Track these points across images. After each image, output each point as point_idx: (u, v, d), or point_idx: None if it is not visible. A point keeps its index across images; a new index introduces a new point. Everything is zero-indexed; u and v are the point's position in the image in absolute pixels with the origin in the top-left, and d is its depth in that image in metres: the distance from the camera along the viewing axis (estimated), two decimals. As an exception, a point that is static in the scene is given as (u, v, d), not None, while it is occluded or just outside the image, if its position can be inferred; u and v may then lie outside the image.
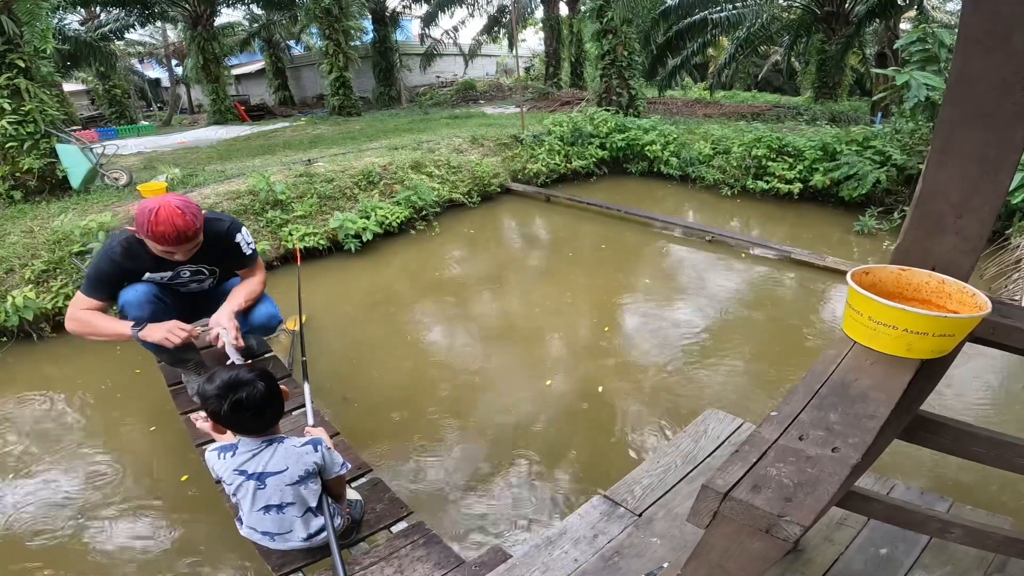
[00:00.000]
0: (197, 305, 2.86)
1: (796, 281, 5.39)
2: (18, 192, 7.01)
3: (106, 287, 2.49)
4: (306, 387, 2.61)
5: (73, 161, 7.10)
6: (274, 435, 1.82)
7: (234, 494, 1.85)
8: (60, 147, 7.10)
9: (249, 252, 2.72)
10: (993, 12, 0.97)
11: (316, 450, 1.83)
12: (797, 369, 3.87)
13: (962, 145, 1.08)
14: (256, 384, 1.68)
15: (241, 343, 2.55)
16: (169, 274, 2.58)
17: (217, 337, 2.51)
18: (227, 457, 1.79)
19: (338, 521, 1.95)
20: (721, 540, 0.96)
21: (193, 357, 2.93)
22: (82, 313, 2.46)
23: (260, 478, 1.77)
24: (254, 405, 1.67)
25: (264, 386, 1.69)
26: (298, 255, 4.19)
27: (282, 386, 1.83)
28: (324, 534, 1.90)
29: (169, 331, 2.44)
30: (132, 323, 2.45)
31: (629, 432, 3.37)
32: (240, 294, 2.72)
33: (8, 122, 6.65)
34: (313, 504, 1.86)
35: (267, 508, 1.82)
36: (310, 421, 2.40)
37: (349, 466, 1.98)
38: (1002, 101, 1.01)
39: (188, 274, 2.64)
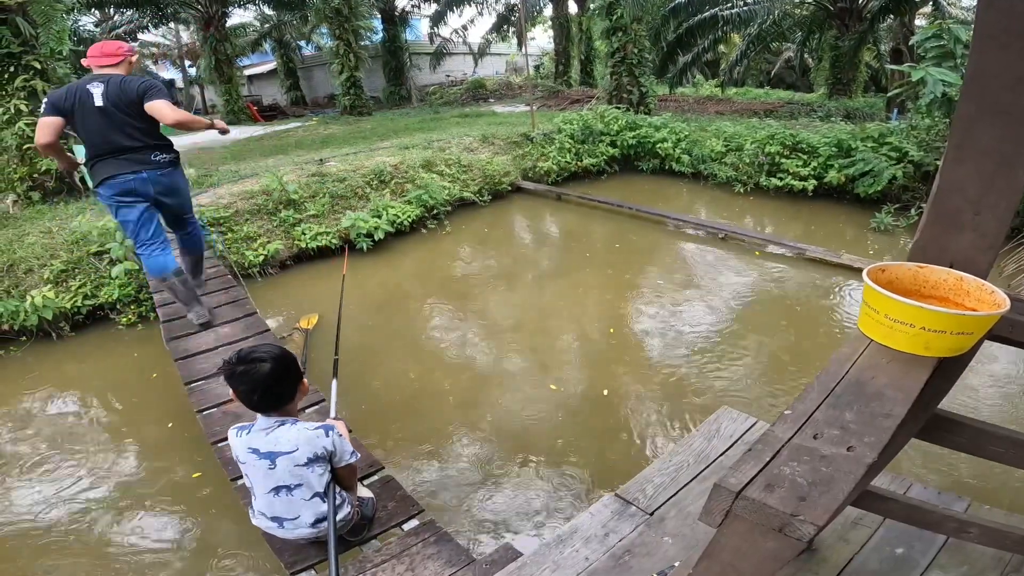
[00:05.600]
0: (114, 127, 3.18)
1: (810, 279, 5.34)
2: (36, 193, 7.13)
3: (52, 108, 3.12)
4: (334, 384, 2.70)
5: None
6: (287, 416, 1.89)
7: (247, 475, 1.91)
8: (78, 148, 7.18)
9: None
10: (1009, 8, 0.96)
11: (327, 435, 1.88)
12: (812, 367, 3.84)
13: (979, 141, 1.07)
14: (264, 362, 1.77)
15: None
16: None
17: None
18: (243, 435, 1.87)
19: (347, 509, 1.96)
20: (733, 539, 0.96)
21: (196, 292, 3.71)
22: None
23: (271, 457, 1.82)
24: (259, 380, 1.77)
25: (271, 367, 1.78)
26: (346, 257, 4.18)
27: (305, 379, 1.92)
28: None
29: None
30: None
31: (641, 431, 3.36)
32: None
33: (26, 124, 6.75)
34: (320, 489, 1.89)
35: (277, 490, 1.86)
36: (332, 414, 2.48)
37: (359, 455, 2.01)
38: (1018, 97, 1.00)
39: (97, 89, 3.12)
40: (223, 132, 3.57)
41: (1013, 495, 2.68)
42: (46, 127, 3.12)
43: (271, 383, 1.79)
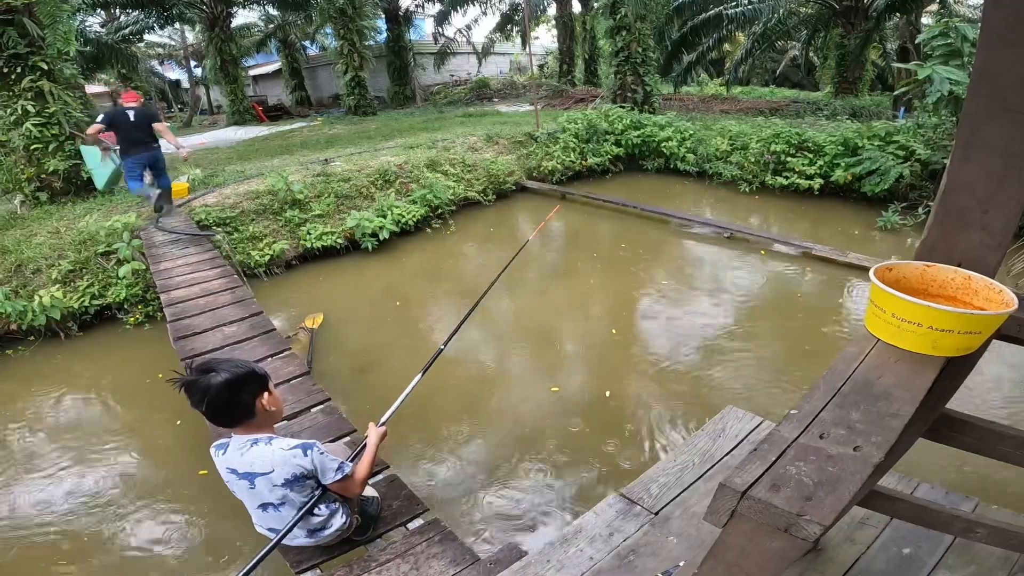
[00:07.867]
0: (138, 133, 6.09)
1: (817, 278, 5.32)
2: (44, 193, 7.17)
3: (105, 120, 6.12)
4: (414, 381, 2.47)
5: (97, 163, 7.22)
6: (261, 434, 1.80)
7: (233, 492, 1.87)
8: (84, 149, 7.23)
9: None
10: (1016, 7, 0.96)
11: (306, 454, 1.78)
12: (818, 367, 3.82)
13: (986, 140, 1.06)
14: (211, 375, 1.68)
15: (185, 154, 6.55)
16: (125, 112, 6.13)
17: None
18: (221, 455, 1.81)
19: (341, 520, 1.94)
20: (739, 539, 0.95)
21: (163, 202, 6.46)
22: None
23: (250, 478, 1.77)
24: (203, 393, 1.66)
25: (217, 380, 1.67)
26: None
27: (272, 391, 1.80)
28: (329, 531, 1.91)
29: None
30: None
31: (646, 430, 3.35)
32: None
33: (33, 124, 6.79)
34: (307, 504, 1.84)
35: (264, 506, 1.83)
36: (382, 419, 2.25)
37: (348, 468, 1.86)
38: (1027, 95, 1.00)
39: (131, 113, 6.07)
40: (178, 148, 6.48)
41: (1022, 495, 2.66)
42: (98, 128, 6.03)
43: (215, 396, 1.67)
